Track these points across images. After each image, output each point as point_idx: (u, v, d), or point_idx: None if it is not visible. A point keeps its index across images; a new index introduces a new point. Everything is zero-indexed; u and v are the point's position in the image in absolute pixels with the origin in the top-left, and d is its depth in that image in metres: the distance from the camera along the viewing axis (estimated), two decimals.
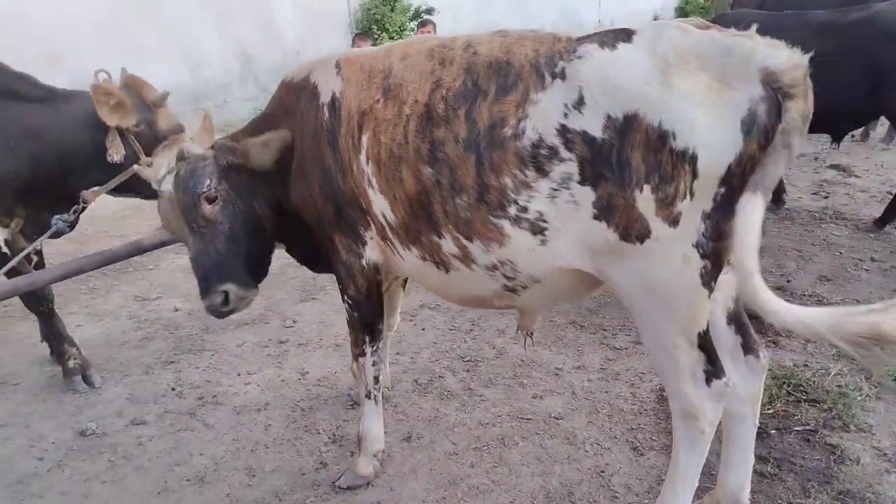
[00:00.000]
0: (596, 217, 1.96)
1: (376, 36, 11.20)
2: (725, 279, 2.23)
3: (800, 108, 1.88)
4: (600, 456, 2.82)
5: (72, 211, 3.05)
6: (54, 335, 3.47)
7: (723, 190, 1.88)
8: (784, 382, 3.20)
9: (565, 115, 1.93)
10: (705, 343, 2.09)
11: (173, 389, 3.44)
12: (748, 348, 2.31)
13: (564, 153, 1.94)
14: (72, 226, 3.21)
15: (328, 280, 4.40)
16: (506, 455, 2.85)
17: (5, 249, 3.22)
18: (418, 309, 4.15)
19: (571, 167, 1.94)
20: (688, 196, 1.88)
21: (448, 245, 2.23)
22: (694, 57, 1.87)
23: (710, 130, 1.84)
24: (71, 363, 3.45)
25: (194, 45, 9.21)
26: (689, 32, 1.92)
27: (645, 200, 1.89)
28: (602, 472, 2.73)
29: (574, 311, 4.04)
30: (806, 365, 3.37)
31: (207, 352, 3.80)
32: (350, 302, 2.61)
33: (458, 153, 2.10)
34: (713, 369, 2.12)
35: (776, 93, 1.85)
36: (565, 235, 2.04)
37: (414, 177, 2.19)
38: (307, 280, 4.61)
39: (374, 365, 2.67)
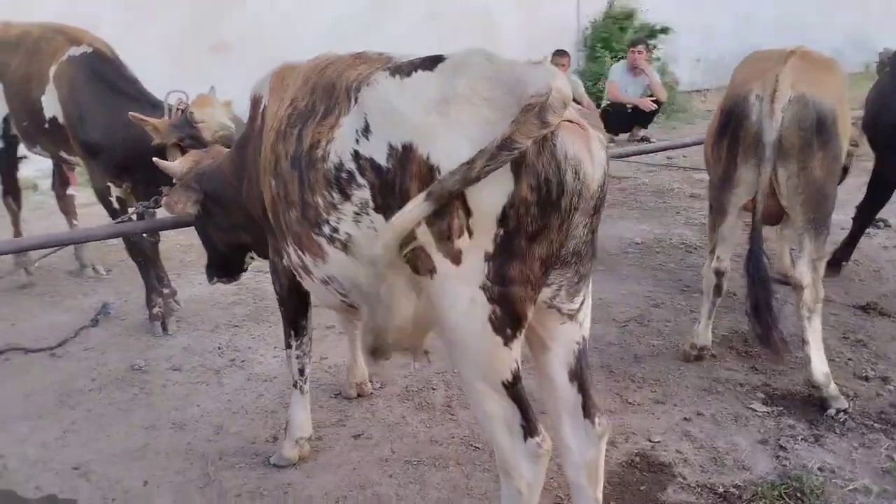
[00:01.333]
0: None
1: (597, 55, 11.07)
2: (565, 331, 2.06)
3: (583, 153, 1.74)
4: None
5: (152, 200, 3.66)
6: (146, 284, 4.17)
7: (502, 232, 1.76)
8: (783, 484, 2.71)
9: (357, 142, 1.96)
10: (517, 395, 1.96)
11: (219, 348, 3.95)
12: (586, 411, 2.09)
13: (360, 179, 1.96)
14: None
15: None
16: (428, 475, 2.83)
17: (116, 205, 4.05)
18: None
19: (367, 193, 1.97)
20: (466, 234, 1.79)
21: (292, 255, 2.38)
22: (486, 88, 1.79)
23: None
24: (155, 310, 4.13)
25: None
26: (492, 61, 1.83)
27: (424, 234, 1.83)
28: None
29: (616, 355, 3.77)
30: (833, 472, 2.81)
31: (267, 323, 4.26)
32: (277, 298, 2.83)
33: (288, 169, 2.24)
34: (527, 426, 1.98)
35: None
36: None
37: (269, 187, 2.38)
38: None
39: (298, 358, 2.87)
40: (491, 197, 1.75)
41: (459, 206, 1.78)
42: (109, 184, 4.00)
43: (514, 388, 1.96)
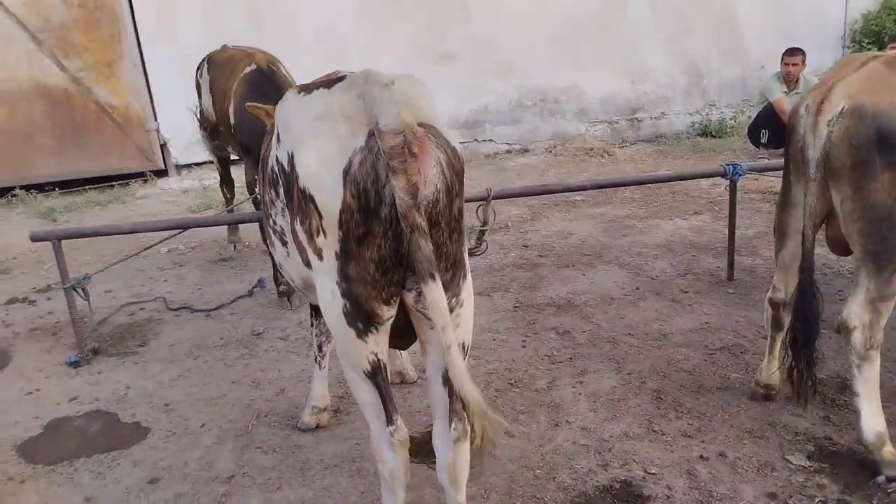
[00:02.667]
0: (294, 239, 2.23)
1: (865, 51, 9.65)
2: (436, 337, 2.15)
3: (400, 183, 1.82)
4: None
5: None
6: (273, 264, 4.87)
7: (340, 234, 1.96)
8: None
9: (277, 148, 2.26)
10: (378, 384, 2.15)
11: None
12: (449, 415, 2.17)
13: (280, 179, 2.27)
14: None
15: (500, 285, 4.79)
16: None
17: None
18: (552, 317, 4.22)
19: (282, 192, 2.27)
20: (322, 234, 2.03)
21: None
22: (352, 106, 2.00)
23: (319, 175, 1.98)
24: (281, 288, 4.84)
25: (640, 59, 9.64)
26: (368, 81, 2.00)
27: (300, 231, 2.13)
28: None
29: (679, 382, 3.55)
30: None
31: None
32: None
33: (262, 171, 2.60)
34: (385, 414, 2.15)
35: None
36: (294, 252, 2.33)
37: None
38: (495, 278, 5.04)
39: (316, 336, 3.26)
40: (331, 201, 1.97)
41: (314, 209, 2.03)
42: (256, 177, 4.79)
43: (375, 378, 2.15)
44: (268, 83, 4.81)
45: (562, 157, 9.18)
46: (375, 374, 2.15)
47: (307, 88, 2.26)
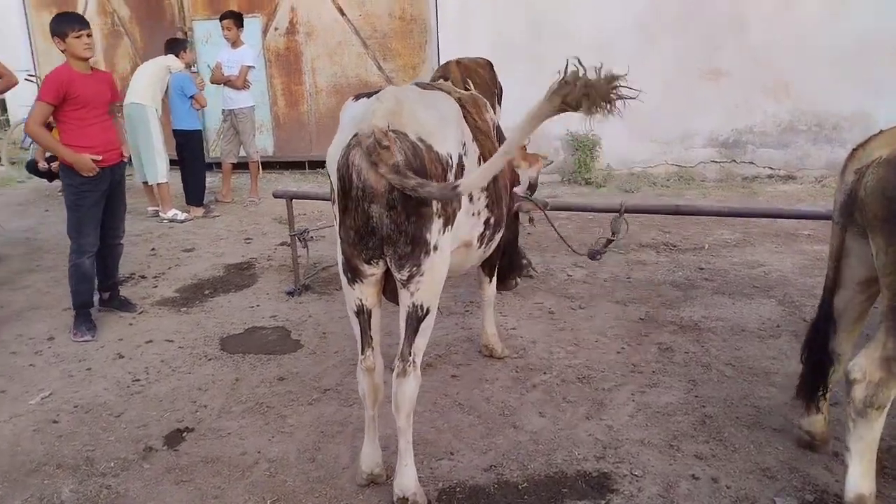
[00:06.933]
0: None
1: None
2: (403, 295, 2.77)
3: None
4: None
5: None
6: None
7: (338, 205, 2.71)
8: None
9: None
10: (361, 323, 2.87)
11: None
12: (399, 356, 2.80)
13: None
14: None
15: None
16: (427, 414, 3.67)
17: None
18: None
19: None
20: (334, 203, 2.79)
21: None
22: (366, 113, 2.69)
23: (331, 161, 2.72)
24: None
25: None
26: (381, 97, 2.70)
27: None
28: None
29: (733, 415, 3.55)
30: None
31: (517, 297, 5.29)
32: None
33: None
34: (361, 346, 2.86)
35: None
36: None
37: None
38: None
39: None
40: (333, 179, 2.73)
41: (331, 184, 2.81)
42: None
43: (359, 317, 2.86)
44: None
45: (831, 189, 8.41)
46: (359, 314, 2.86)
47: (358, 97, 3.01)
